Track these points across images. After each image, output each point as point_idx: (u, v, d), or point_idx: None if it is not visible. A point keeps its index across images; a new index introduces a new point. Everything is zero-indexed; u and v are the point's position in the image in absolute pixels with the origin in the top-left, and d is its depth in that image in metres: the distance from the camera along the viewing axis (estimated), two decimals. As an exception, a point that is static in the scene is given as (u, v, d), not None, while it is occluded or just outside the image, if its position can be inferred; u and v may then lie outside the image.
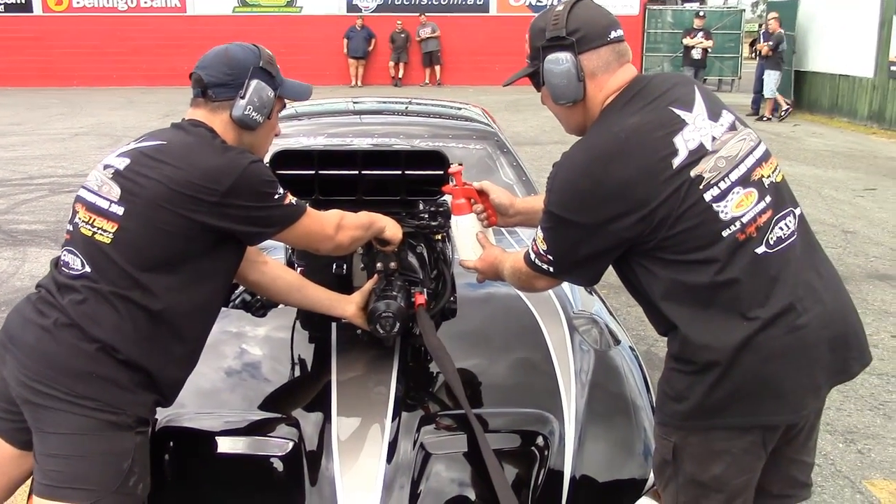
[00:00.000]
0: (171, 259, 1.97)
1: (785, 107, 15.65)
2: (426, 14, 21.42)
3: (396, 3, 21.95)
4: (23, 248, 6.59)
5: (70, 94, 18.93)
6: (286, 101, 2.30)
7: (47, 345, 1.92)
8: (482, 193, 2.47)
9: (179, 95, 18.86)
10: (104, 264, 1.94)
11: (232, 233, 2.02)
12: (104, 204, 1.97)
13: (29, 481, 2.21)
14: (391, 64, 21.64)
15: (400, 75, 21.65)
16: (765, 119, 15.51)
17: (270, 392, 2.43)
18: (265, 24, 21.21)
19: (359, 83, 21.28)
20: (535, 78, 2.04)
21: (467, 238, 2.44)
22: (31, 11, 21.44)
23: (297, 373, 2.54)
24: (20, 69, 20.78)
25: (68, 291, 1.96)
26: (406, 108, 4.94)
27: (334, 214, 2.26)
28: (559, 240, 1.93)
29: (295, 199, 2.12)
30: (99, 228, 1.96)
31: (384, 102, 5.30)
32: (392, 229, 2.44)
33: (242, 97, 2.09)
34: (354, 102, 5.16)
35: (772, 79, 15.47)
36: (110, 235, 1.95)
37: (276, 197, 2.05)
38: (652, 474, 2.14)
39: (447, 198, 2.73)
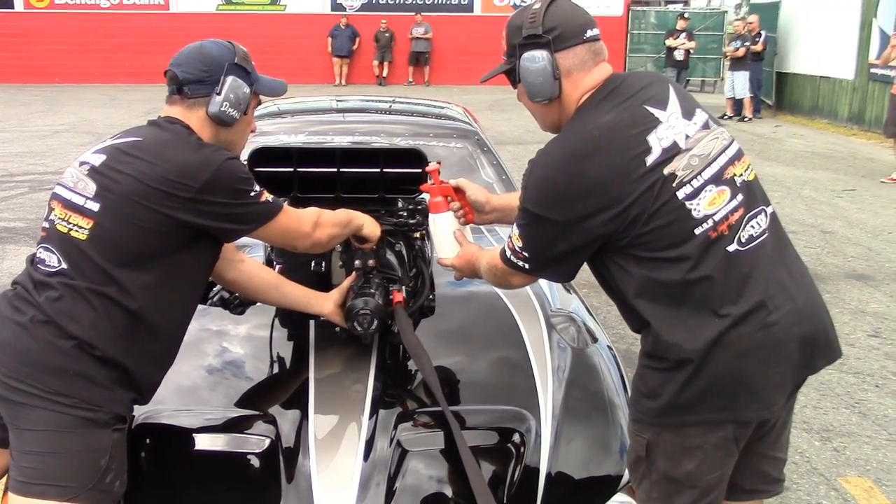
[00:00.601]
0: (147, 255, 1.97)
1: (745, 113, 15.73)
2: (421, 14, 21.39)
3: (381, 2, 21.92)
4: (1, 246, 6.55)
5: (52, 91, 18.79)
6: (262, 97, 2.30)
7: (24, 341, 1.92)
8: (458, 191, 2.47)
9: (162, 93, 18.23)
10: (80, 261, 1.94)
11: (207, 229, 2.02)
12: (80, 200, 1.97)
13: (4, 479, 2.21)
14: (375, 63, 21.61)
15: (384, 74, 21.62)
16: (746, 119, 15.59)
17: (248, 389, 2.43)
18: (249, 22, 21.13)
19: (343, 82, 21.24)
20: (512, 75, 2.06)
21: (445, 236, 2.45)
22: (13, 8, 21.25)
23: (275, 370, 2.54)
24: (1, 66, 20.60)
25: (45, 288, 1.95)
26: (389, 106, 4.94)
27: (312, 212, 2.27)
28: (534, 236, 1.94)
29: (271, 196, 2.12)
30: (75, 225, 1.96)
31: (366, 101, 5.30)
32: (370, 227, 2.44)
33: (218, 93, 2.09)
34: (337, 101, 5.16)
35: (741, 79, 15.59)
36: (86, 232, 1.94)
37: (252, 194, 2.05)
38: (627, 471, 2.16)
39: (426, 196, 2.74)
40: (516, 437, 2.21)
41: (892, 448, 3.68)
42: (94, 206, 1.95)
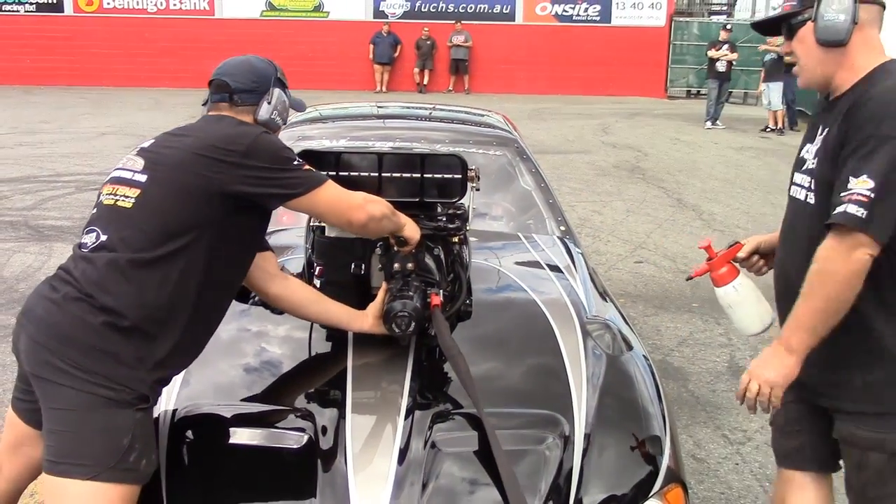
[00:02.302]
0: (190, 225, 2.05)
1: (779, 125, 15.57)
2: (462, 22, 21.49)
3: (423, 10, 22.03)
4: (49, 244, 6.71)
5: (98, 94, 19.15)
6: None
7: (55, 316, 1.99)
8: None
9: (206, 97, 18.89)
10: (123, 229, 2.03)
11: (253, 197, 2.11)
12: (128, 175, 2.10)
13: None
14: (416, 70, 21.72)
15: (425, 82, 21.72)
16: (774, 131, 15.42)
17: (286, 388, 2.48)
18: (292, 29, 21.37)
19: (384, 89, 21.37)
20: (795, 19, 2.13)
21: (750, 303, 2.36)
22: (62, 11, 21.70)
23: (313, 370, 2.58)
24: (50, 68, 21.02)
25: (83, 263, 2.04)
26: (429, 113, 4.98)
27: (358, 192, 2.35)
28: None
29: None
30: (122, 196, 2.07)
31: (406, 107, 5.36)
32: (411, 229, 2.48)
33: (269, 102, 2.28)
34: (378, 107, 5.22)
35: (776, 91, 15.46)
36: (132, 201, 2.05)
37: (295, 163, 2.16)
38: (661, 478, 2.17)
39: (465, 201, 2.78)
40: (550, 441, 2.23)
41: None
42: (142, 178, 2.07)
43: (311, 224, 2.87)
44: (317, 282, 2.71)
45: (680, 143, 13.93)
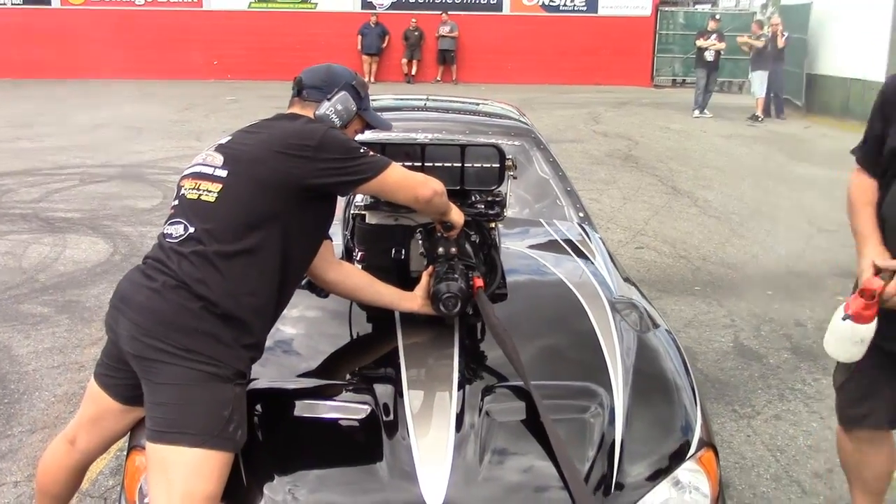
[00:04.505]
0: (270, 216, 2.22)
1: (757, 113, 15.85)
2: (448, 13, 21.60)
3: (411, 0, 22.11)
4: (62, 235, 6.81)
5: (88, 87, 19.14)
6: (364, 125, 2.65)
7: (157, 303, 2.15)
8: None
9: (197, 89, 19.22)
10: (208, 223, 2.19)
11: (328, 188, 2.29)
12: (209, 170, 2.26)
13: (126, 437, 2.44)
14: (404, 61, 21.83)
15: (413, 72, 21.84)
16: (760, 119, 15.68)
17: (343, 366, 2.64)
18: (280, 20, 21.43)
19: (372, 80, 21.42)
20: None
21: (866, 343, 2.44)
22: (49, 4, 21.64)
23: (366, 350, 2.75)
24: (39, 62, 20.97)
25: (174, 255, 2.19)
26: (446, 105, 5.13)
27: (419, 173, 2.54)
28: None
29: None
30: (205, 190, 2.23)
31: (422, 99, 5.48)
32: (457, 214, 2.65)
33: (329, 100, 2.45)
34: (397, 99, 5.36)
35: (758, 79, 15.74)
36: (215, 195, 2.21)
37: (362, 150, 2.33)
38: (694, 443, 2.35)
39: (502, 189, 2.94)
40: (592, 411, 2.40)
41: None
42: (223, 173, 2.23)
43: (350, 213, 3.03)
44: (358, 266, 2.86)
45: (669, 131, 14.14)
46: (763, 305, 5.55)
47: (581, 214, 3.96)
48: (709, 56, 16.29)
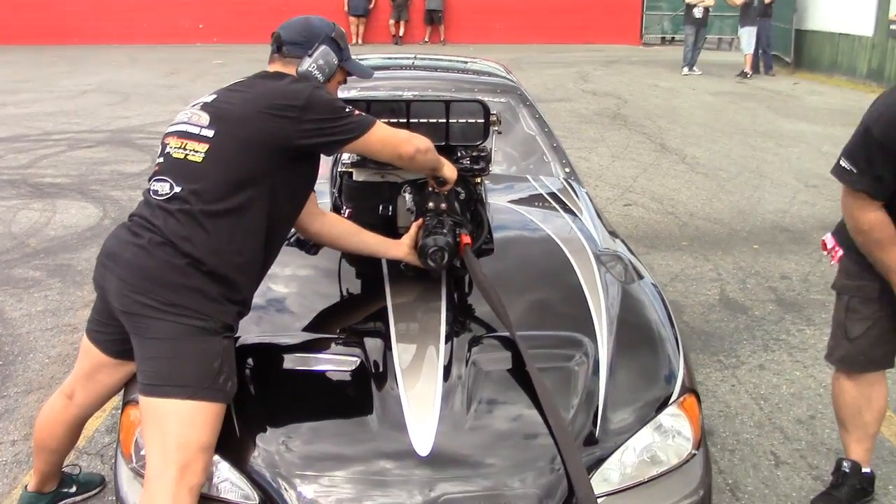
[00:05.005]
0: (256, 175, 2.24)
1: (746, 69, 15.85)
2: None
3: (397, -40, 21.89)
4: (51, 200, 6.81)
5: (72, 52, 18.96)
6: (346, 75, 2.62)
7: (144, 260, 2.18)
8: None
9: (183, 53, 19.07)
10: (195, 182, 2.21)
11: (315, 149, 2.31)
12: (195, 130, 2.26)
13: (122, 393, 2.49)
14: (391, 22, 21.65)
15: (401, 33, 21.68)
16: (748, 76, 15.67)
17: (332, 321, 2.68)
18: (266, -19, 21.17)
19: (359, 41, 21.28)
20: None
21: None
22: (32, -32, 21.34)
23: (355, 305, 2.79)
24: (21, 27, 20.72)
25: (160, 212, 2.22)
26: (433, 63, 5.12)
27: (403, 130, 2.55)
28: None
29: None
30: (191, 150, 2.24)
31: (408, 58, 5.47)
32: (450, 169, 2.68)
33: (310, 56, 2.43)
34: (385, 59, 5.35)
35: (746, 35, 15.73)
36: (202, 155, 2.23)
37: (347, 110, 2.33)
38: (677, 390, 2.41)
39: (487, 144, 2.97)
40: (577, 359, 2.46)
41: None
42: (209, 133, 2.24)
43: (338, 171, 3.05)
44: (346, 209, 2.90)
45: (658, 89, 14.12)
46: (749, 259, 5.61)
47: (567, 170, 3.99)
48: (697, 13, 16.19)
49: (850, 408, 2.92)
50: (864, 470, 2.96)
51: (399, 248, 2.71)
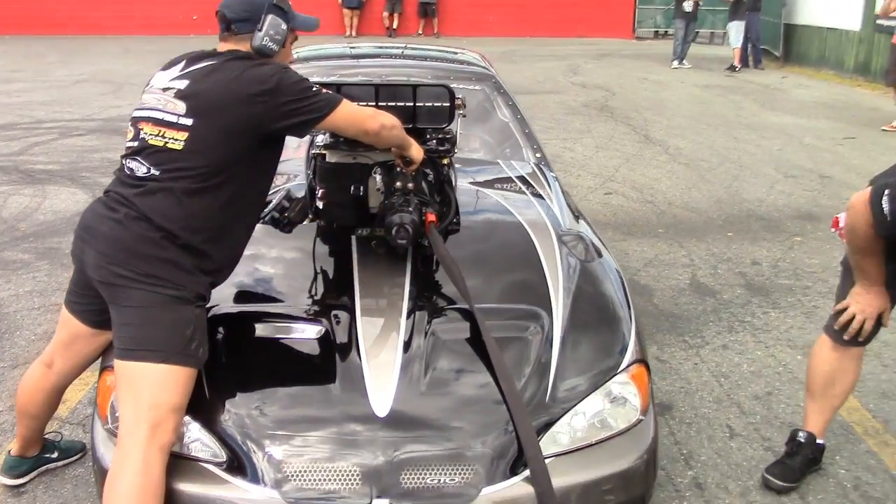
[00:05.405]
0: (233, 159, 2.37)
1: (735, 62, 16.00)
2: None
3: (391, -48, 21.96)
4: (42, 186, 6.92)
5: (65, 43, 18.99)
6: (297, 33, 2.69)
7: (119, 233, 2.31)
8: None
9: (177, 44, 18.91)
10: (174, 167, 2.33)
11: (288, 129, 2.43)
12: (172, 118, 2.37)
13: (99, 360, 2.62)
14: (385, 14, 21.74)
15: (394, 26, 21.76)
16: (737, 69, 15.82)
17: (300, 294, 2.82)
18: (260, -26, 21.18)
19: (353, 33, 21.36)
20: None
21: None
22: (26, -42, 21.37)
23: (323, 278, 2.92)
24: (13, 16, 20.76)
25: (135, 189, 2.35)
26: (402, 52, 5.24)
27: (369, 107, 2.67)
28: None
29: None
30: (171, 138, 2.35)
31: (381, 47, 5.60)
32: (417, 150, 2.80)
33: (260, 30, 2.50)
34: (351, 47, 5.48)
35: (734, 29, 15.90)
36: (181, 143, 2.34)
37: (314, 89, 2.45)
38: (626, 360, 2.55)
39: (452, 127, 3.09)
40: (531, 330, 2.60)
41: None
42: (188, 122, 2.35)
43: (312, 153, 3.18)
44: (319, 203, 3.02)
45: (647, 82, 14.25)
46: (722, 246, 5.74)
47: (538, 155, 4.13)
48: (687, 7, 16.35)
49: (825, 377, 3.05)
50: (818, 441, 3.10)
51: None
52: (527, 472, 2.25)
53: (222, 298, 2.66)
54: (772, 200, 6.97)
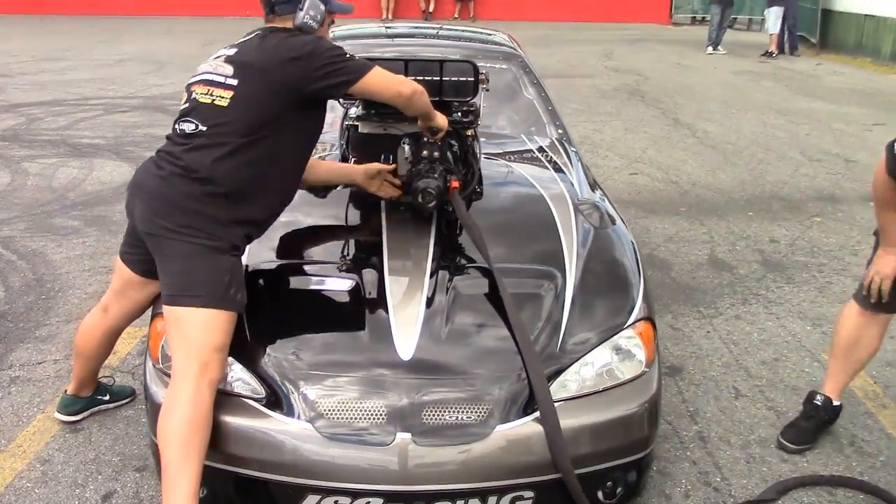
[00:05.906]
0: (273, 119, 2.61)
1: (771, 49, 15.99)
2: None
3: (429, -65, 22.07)
4: (89, 159, 7.25)
5: (111, 22, 19.46)
6: (334, 16, 2.95)
7: (164, 189, 2.57)
8: None
9: (218, 25, 19.42)
10: (219, 122, 2.58)
11: (325, 91, 2.66)
12: (220, 79, 2.63)
13: (151, 308, 2.88)
14: (422, -3, 21.91)
15: (431, 9, 21.90)
16: (773, 55, 15.81)
17: (334, 252, 3.07)
18: (299, -44, 21.40)
19: (390, 16, 21.53)
20: None
21: None
22: (72, -60, 21.78)
23: (355, 239, 3.17)
24: (60, -2, 21.24)
25: (183, 146, 2.60)
26: (437, 32, 5.46)
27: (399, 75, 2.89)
28: None
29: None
30: (218, 96, 2.61)
31: (415, 28, 5.81)
32: (442, 119, 3.03)
33: (301, 9, 2.76)
34: (387, 27, 5.70)
35: (772, 15, 15.88)
36: (227, 100, 2.60)
37: (347, 55, 2.69)
38: (633, 316, 2.75)
39: (476, 100, 3.31)
40: (546, 287, 2.82)
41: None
42: (234, 82, 2.61)
43: (346, 124, 3.42)
44: (352, 159, 3.27)
45: (680, 67, 14.32)
46: (742, 225, 5.90)
47: (560, 131, 4.33)
48: (724, -8, 16.33)
49: (848, 340, 3.22)
50: (834, 403, 3.28)
51: (357, 174, 3.15)
52: (537, 413, 2.47)
53: (262, 252, 2.91)
54: (795, 182, 7.10)
